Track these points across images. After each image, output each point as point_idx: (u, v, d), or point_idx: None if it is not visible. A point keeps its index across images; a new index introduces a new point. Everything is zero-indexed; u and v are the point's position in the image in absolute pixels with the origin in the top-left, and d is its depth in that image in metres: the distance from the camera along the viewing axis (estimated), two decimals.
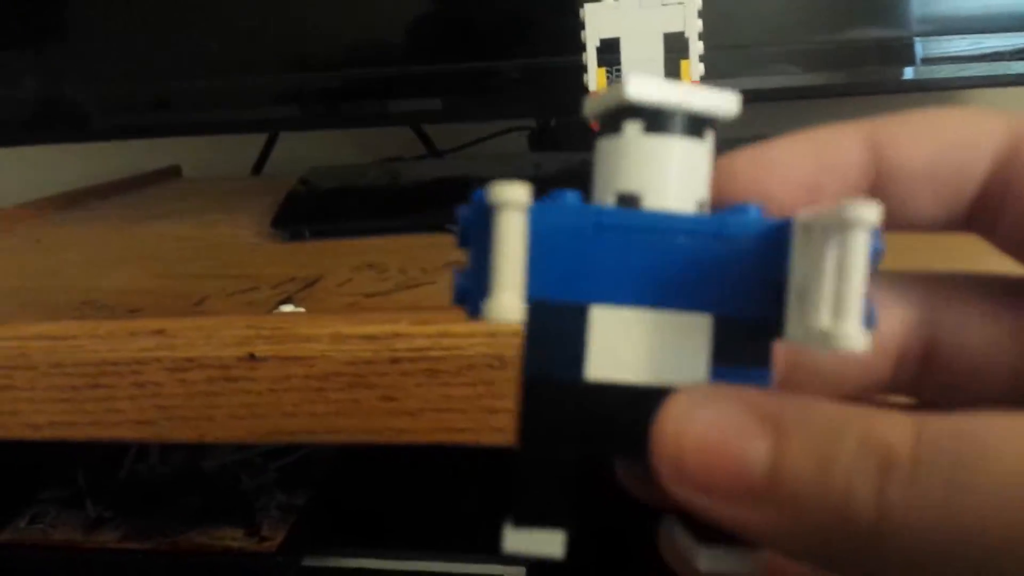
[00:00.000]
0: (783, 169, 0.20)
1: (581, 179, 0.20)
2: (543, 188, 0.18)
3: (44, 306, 0.46)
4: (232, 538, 0.48)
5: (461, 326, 0.34)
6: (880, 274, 0.21)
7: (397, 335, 0.35)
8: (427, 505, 0.55)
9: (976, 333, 0.21)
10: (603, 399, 0.18)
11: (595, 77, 0.41)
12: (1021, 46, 0.57)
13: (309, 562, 0.49)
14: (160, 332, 0.37)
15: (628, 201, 0.18)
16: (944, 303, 0.21)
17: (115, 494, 0.54)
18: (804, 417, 0.16)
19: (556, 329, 0.18)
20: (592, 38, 0.41)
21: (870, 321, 0.16)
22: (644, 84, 0.18)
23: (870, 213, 0.15)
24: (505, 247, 0.17)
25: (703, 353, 0.18)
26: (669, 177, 0.18)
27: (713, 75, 0.55)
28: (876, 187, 0.20)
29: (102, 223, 0.72)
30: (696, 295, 0.18)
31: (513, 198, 0.17)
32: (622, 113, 0.18)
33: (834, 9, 0.59)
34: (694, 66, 0.41)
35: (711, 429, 0.16)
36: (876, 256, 0.16)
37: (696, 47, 0.41)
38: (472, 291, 0.18)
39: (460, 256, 0.18)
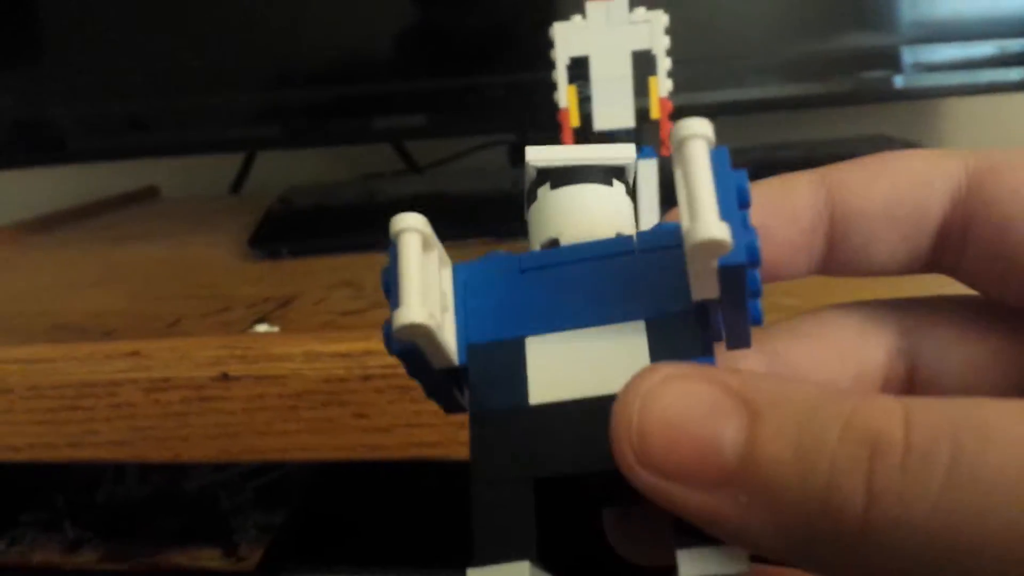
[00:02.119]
0: None
1: None
2: (523, 203, 0.20)
3: (18, 331, 0.46)
4: (210, 558, 0.48)
5: None
6: (858, 304, 0.22)
7: (369, 352, 0.35)
8: (404, 521, 0.55)
9: (957, 356, 0.21)
10: (551, 420, 0.18)
11: (565, 94, 0.42)
12: (1008, 52, 0.58)
13: None
14: (135, 354, 0.38)
15: (550, 245, 0.20)
16: (924, 329, 0.21)
17: (94, 516, 0.54)
18: (779, 396, 0.15)
19: (495, 366, 0.19)
20: (562, 56, 0.41)
21: (752, 247, 0.16)
22: (540, 151, 0.20)
23: (698, 123, 0.16)
24: (405, 263, 0.17)
25: (643, 356, 0.18)
26: (581, 217, 0.20)
27: (695, 87, 0.56)
28: (833, 232, 0.20)
29: (77, 246, 0.72)
30: (623, 306, 0.18)
31: (409, 224, 0.18)
32: (536, 184, 0.21)
33: (820, 19, 0.59)
34: (662, 82, 0.41)
35: (678, 407, 0.15)
36: (741, 192, 0.17)
37: (664, 64, 0.41)
38: (390, 331, 0.18)
39: None
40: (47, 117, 0.65)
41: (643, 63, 0.41)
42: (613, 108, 0.41)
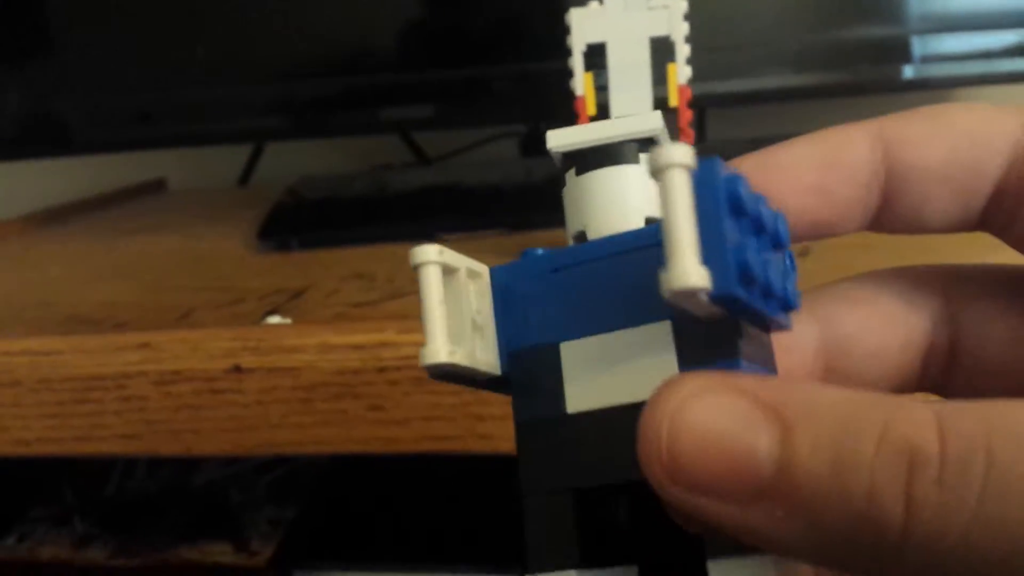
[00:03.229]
0: (790, 172, 0.20)
1: None
2: (535, 195, 0.19)
3: (29, 322, 0.46)
4: (221, 553, 0.48)
5: None
6: (904, 269, 0.22)
7: (384, 344, 0.35)
8: (416, 517, 0.54)
9: (1000, 328, 0.20)
10: (588, 428, 0.18)
11: (581, 82, 0.41)
12: (1017, 43, 0.57)
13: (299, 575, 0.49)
14: (145, 346, 0.37)
15: (579, 239, 0.20)
16: (967, 298, 0.21)
17: (103, 511, 0.54)
18: (811, 407, 0.15)
19: (534, 374, 0.19)
20: (578, 43, 0.41)
21: (743, 265, 0.15)
22: (558, 134, 0.20)
23: (677, 151, 0.15)
24: (428, 298, 0.18)
25: (672, 360, 0.17)
26: (607, 207, 0.19)
27: (709, 77, 0.55)
28: (888, 188, 0.20)
29: (87, 238, 0.71)
30: (649, 305, 0.18)
31: (428, 257, 0.18)
32: (565, 168, 0.20)
33: (830, 9, 0.59)
34: (681, 69, 0.40)
35: (708, 422, 0.15)
36: (734, 199, 0.15)
37: (683, 50, 0.40)
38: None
39: None
40: (55, 110, 0.65)
41: (659, 51, 0.41)
42: (630, 95, 0.40)
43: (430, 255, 0.18)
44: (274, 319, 0.41)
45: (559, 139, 0.20)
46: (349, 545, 0.51)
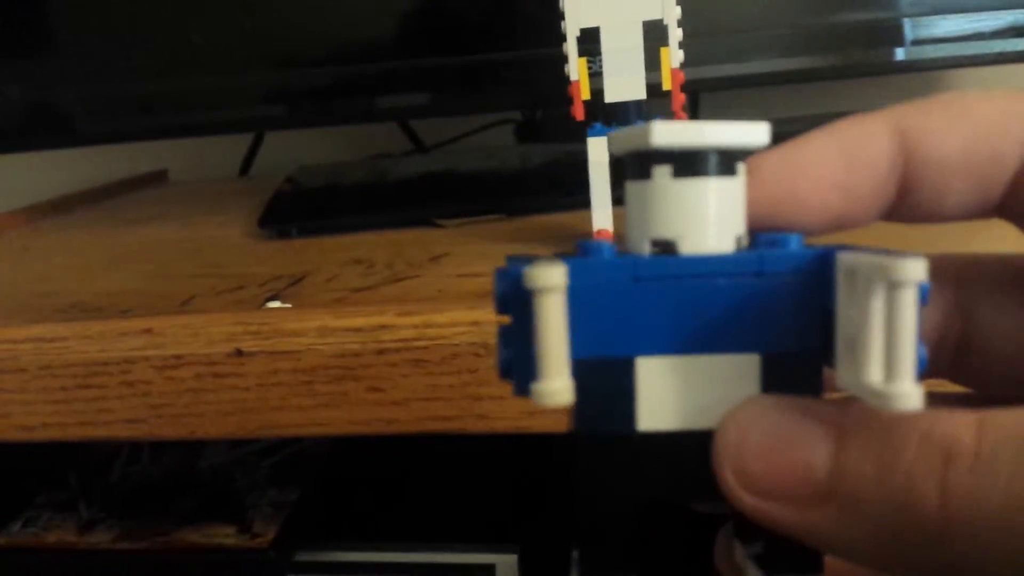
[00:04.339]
0: (813, 170, 0.19)
1: (568, 170, 0.20)
2: (531, 180, 0.18)
3: (33, 310, 0.46)
4: (225, 535, 0.48)
5: (445, 316, 0.35)
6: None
7: (383, 327, 0.35)
8: (417, 497, 0.55)
9: (1013, 317, 0.21)
10: (657, 448, 0.18)
11: (576, 67, 0.41)
12: (1008, 24, 0.57)
13: (302, 556, 0.50)
14: (148, 331, 0.38)
15: (664, 248, 0.18)
16: (978, 287, 0.21)
17: (108, 496, 0.54)
18: (864, 420, 0.16)
19: (603, 385, 0.18)
20: (572, 28, 0.41)
21: (921, 366, 0.16)
22: (669, 130, 0.17)
23: (917, 270, 0.15)
24: (549, 332, 0.16)
25: (754, 392, 0.18)
26: (703, 219, 0.18)
27: (701, 62, 0.55)
28: (906, 180, 0.20)
29: (89, 228, 0.72)
30: (741, 336, 0.18)
31: (552, 283, 0.16)
32: (649, 157, 0.18)
33: None
34: (673, 53, 0.41)
35: (773, 434, 0.17)
36: (924, 298, 0.16)
37: (675, 34, 0.41)
38: (516, 365, 0.17)
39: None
40: (56, 101, 0.65)
41: (652, 36, 0.41)
42: (624, 79, 0.41)
43: (555, 279, 0.16)
44: (275, 304, 0.42)
45: (667, 136, 0.17)
46: (351, 526, 0.52)
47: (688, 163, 0.18)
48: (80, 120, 0.65)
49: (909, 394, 0.15)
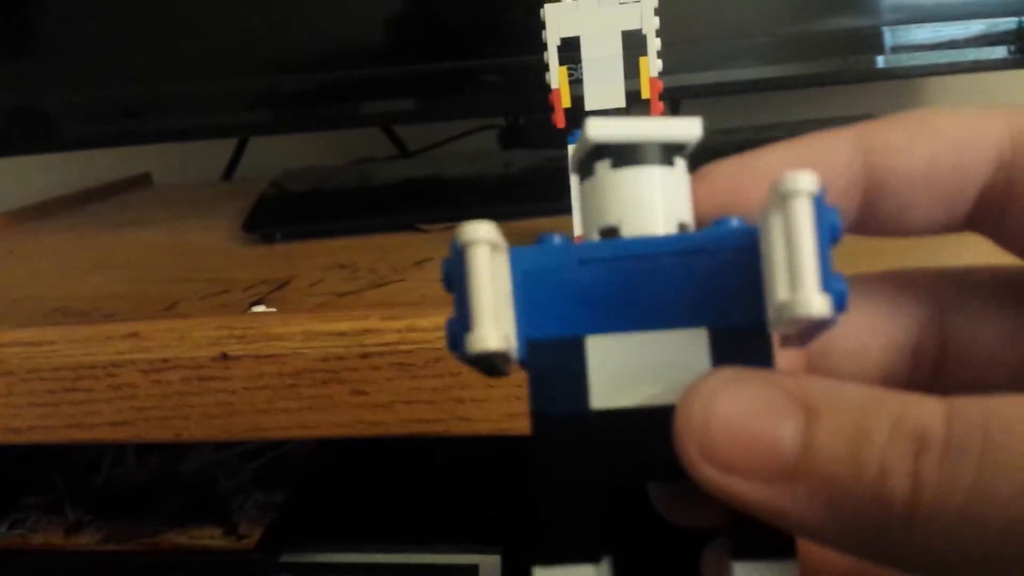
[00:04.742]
0: (767, 178, 0.19)
1: (551, 176, 0.20)
2: (514, 186, 0.19)
3: (19, 314, 0.47)
4: (211, 537, 0.49)
5: (429, 320, 0.35)
6: (891, 273, 0.22)
7: (367, 331, 0.36)
8: (401, 499, 0.55)
9: (987, 328, 0.21)
10: (613, 426, 0.18)
11: (556, 75, 0.42)
12: (992, 32, 0.58)
13: (287, 558, 0.50)
14: (135, 335, 0.38)
15: (609, 234, 0.19)
16: (955, 299, 0.21)
17: (94, 498, 0.54)
18: (834, 397, 0.16)
19: (555, 365, 0.18)
20: (553, 37, 0.42)
21: (841, 296, 0.16)
22: (603, 124, 0.18)
23: (806, 179, 0.16)
24: (477, 280, 0.17)
25: (705, 366, 0.18)
26: (643, 205, 0.19)
27: (681, 69, 0.56)
28: (868, 194, 0.20)
29: (74, 232, 0.72)
30: (687, 311, 0.18)
31: (477, 235, 0.17)
32: (593, 156, 0.19)
33: (801, 1, 0.60)
34: (652, 62, 0.41)
35: (740, 408, 0.16)
36: (834, 231, 0.16)
37: (654, 43, 0.41)
38: (458, 333, 0.17)
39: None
40: (40, 105, 0.65)
41: (631, 45, 0.42)
42: (604, 88, 0.42)
43: (480, 234, 0.17)
44: (259, 308, 0.42)
45: (602, 130, 0.18)
46: (336, 528, 0.52)
47: (625, 154, 0.19)
48: (65, 124, 0.65)
49: (810, 301, 0.15)
